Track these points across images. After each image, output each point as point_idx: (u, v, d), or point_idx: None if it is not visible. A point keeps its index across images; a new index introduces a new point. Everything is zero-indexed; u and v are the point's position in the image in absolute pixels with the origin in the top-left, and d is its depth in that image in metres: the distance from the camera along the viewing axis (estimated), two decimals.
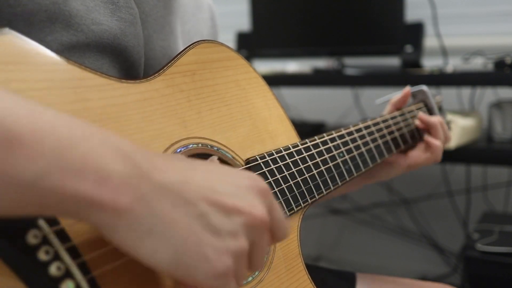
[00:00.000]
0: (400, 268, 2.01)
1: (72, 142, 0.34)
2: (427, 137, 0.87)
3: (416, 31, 1.59)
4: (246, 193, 0.42)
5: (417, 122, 0.90)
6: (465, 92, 1.71)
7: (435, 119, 0.88)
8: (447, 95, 1.68)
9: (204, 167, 0.42)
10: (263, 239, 0.42)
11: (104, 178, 0.35)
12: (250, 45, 1.86)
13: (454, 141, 1.35)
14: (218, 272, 0.38)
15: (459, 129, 1.36)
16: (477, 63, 1.52)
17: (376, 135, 0.80)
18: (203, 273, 0.37)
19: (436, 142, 0.86)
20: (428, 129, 0.89)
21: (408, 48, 1.58)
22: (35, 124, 0.33)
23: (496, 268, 1.29)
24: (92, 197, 0.34)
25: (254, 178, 0.44)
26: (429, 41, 1.68)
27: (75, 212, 0.35)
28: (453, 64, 1.59)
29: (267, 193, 0.44)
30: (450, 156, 1.40)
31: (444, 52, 1.67)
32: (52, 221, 0.39)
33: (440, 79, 1.44)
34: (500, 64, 1.37)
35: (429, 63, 1.63)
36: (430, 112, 0.96)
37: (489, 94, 1.67)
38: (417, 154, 0.87)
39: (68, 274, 0.38)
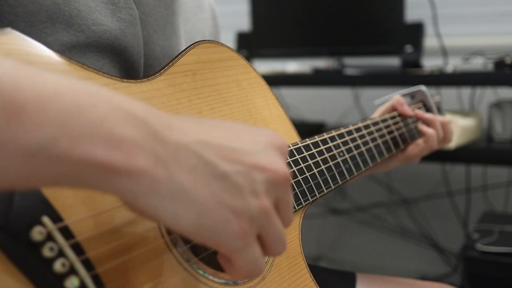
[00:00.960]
0: (400, 268, 2.01)
1: (78, 110, 0.33)
2: (421, 126, 0.88)
3: (416, 31, 1.59)
4: (266, 150, 0.41)
5: (417, 111, 0.90)
6: (465, 92, 1.71)
7: (430, 115, 0.89)
8: (447, 95, 1.69)
9: (221, 126, 0.42)
10: (287, 194, 0.42)
11: (115, 143, 0.34)
12: (250, 45, 1.86)
13: (454, 141, 1.35)
14: (237, 232, 0.37)
15: (459, 129, 1.36)
16: (477, 63, 1.52)
17: (376, 134, 0.81)
18: (223, 235, 0.37)
19: (430, 130, 0.87)
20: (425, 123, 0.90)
21: (408, 48, 1.58)
22: (38, 91, 0.32)
23: (496, 268, 1.29)
24: (105, 162, 0.33)
25: (271, 135, 0.43)
26: (429, 41, 1.68)
27: (90, 181, 0.34)
28: (453, 64, 1.59)
29: (285, 148, 0.44)
30: (450, 156, 1.41)
31: (444, 52, 1.67)
32: (56, 218, 0.39)
33: (440, 79, 1.44)
34: (500, 64, 1.37)
35: (429, 63, 1.63)
36: (429, 112, 0.96)
37: (489, 94, 1.67)
38: (412, 147, 0.88)
39: (72, 271, 0.38)
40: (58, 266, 0.37)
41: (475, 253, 1.31)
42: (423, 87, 0.95)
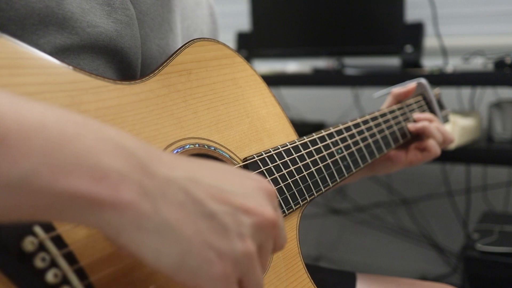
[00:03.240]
0: (400, 268, 2.01)
1: (63, 140, 0.32)
2: (421, 142, 0.87)
3: (416, 31, 1.59)
4: (255, 194, 0.40)
5: (409, 126, 0.89)
6: (465, 92, 1.70)
7: (423, 123, 0.87)
8: (447, 95, 1.68)
9: (211, 166, 0.41)
10: (270, 241, 0.41)
11: (101, 175, 0.33)
12: (250, 45, 1.86)
13: (454, 141, 1.35)
14: (219, 276, 0.36)
15: (459, 129, 1.36)
16: (477, 63, 1.52)
17: (375, 130, 0.79)
18: (205, 277, 0.36)
19: (430, 142, 0.86)
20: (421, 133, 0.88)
21: (408, 48, 1.58)
22: (22, 122, 0.31)
23: (496, 268, 1.29)
24: (89, 194, 0.32)
25: (260, 180, 0.43)
26: (429, 41, 1.68)
27: (73, 214, 0.33)
28: (453, 64, 1.59)
29: (274, 195, 0.43)
30: (450, 156, 1.40)
31: (444, 52, 1.67)
32: (48, 227, 0.38)
33: (440, 79, 1.44)
34: (500, 64, 1.37)
35: (429, 63, 1.63)
36: (429, 105, 0.95)
37: (489, 94, 1.67)
38: (415, 153, 0.88)
39: (65, 281, 0.38)
40: (50, 277, 0.37)
41: (475, 253, 1.31)
42: (423, 80, 0.95)
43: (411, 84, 0.91)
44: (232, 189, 0.39)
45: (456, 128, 1.35)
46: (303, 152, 0.66)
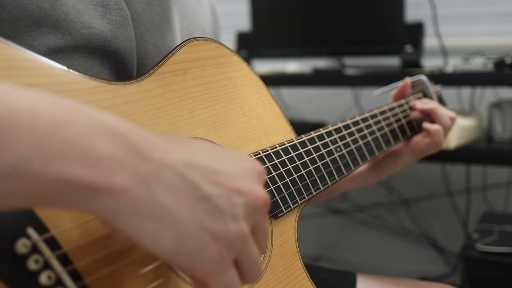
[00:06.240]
0: (400, 268, 2.01)
1: (54, 126, 0.32)
2: (425, 124, 0.85)
3: (416, 31, 1.59)
4: (246, 175, 0.41)
5: (414, 114, 0.87)
6: (465, 92, 1.70)
7: (432, 104, 0.86)
8: (447, 95, 1.67)
9: (204, 147, 0.42)
10: (264, 220, 0.42)
11: (94, 160, 0.32)
12: (250, 45, 1.86)
13: (454, 141, 1.35)
14: (215, 257, 0.37)
15: (459, 129, 1.36)
16: (477, 63, 1.52)
17: (374, 127, 0.79)
18: (202, 259, 0.37)
19: (435, 126, 0.84)
20: (427, 116, 0.86)
21: (408, 48, 1.58)
22: (11, 109, 0.31)
23: (496, 268, 1.29)
24: (83, 181, 0.32)
25: (251, 160, 0.43)
26: (429, 41, 1.68)
27: (68, 200, 0.33)
28: (453, 64, 1.58)
29: (263, 175, 0.44)
30: (450, 156, 1.40)
31: (444, 52, 1.67)
32: (42, 229, 0.38)
33: (440, 79, 1.43)
34: (500, 64, 1.37)
35: (429, 63, 1.63)
36: None
37: (489, 94, 1.66)
38: (418, 140, 0.85)
39: (59, 283, 0.37)
40: (43, 279, 0.37)
41: (475, 253, 1.31)
42: (423, 77, 0.94)
43: (405, 79, 0.90)
44: (226, 171, 0.40)
45: (456, 128, 1.35)
46: (301, 150, 0.65)
